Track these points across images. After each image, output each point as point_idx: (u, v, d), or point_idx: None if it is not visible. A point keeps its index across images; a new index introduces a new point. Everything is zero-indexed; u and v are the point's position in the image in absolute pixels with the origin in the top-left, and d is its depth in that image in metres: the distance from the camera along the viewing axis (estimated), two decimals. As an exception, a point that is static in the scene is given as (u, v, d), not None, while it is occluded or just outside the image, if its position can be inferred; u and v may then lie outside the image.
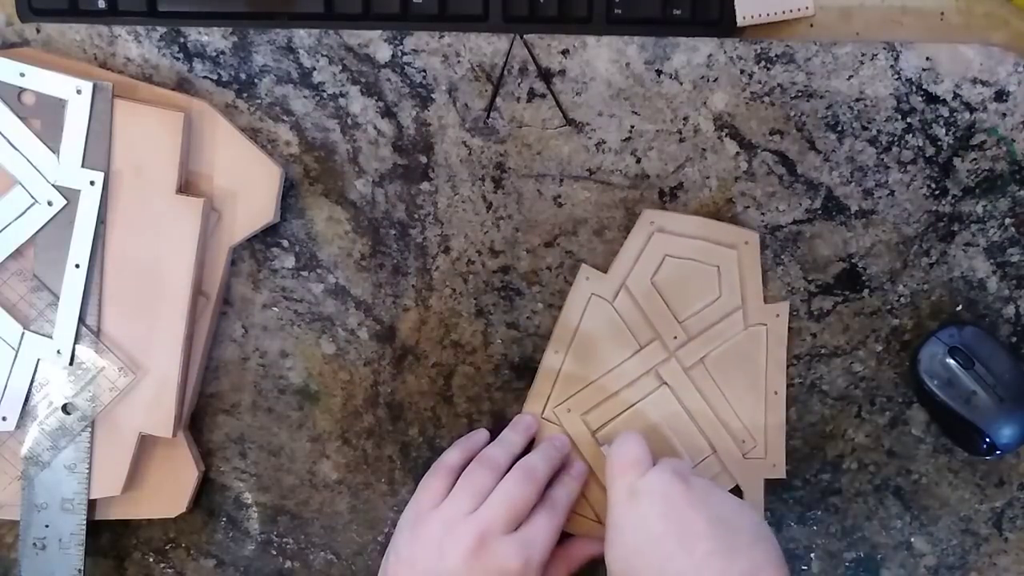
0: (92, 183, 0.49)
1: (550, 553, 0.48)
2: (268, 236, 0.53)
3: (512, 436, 0.52)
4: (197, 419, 0.54)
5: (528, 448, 0.52)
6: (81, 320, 0.50)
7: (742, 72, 0.52)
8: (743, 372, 0.52)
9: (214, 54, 0.52)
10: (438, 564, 0.46)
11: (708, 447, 0.52)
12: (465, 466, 0.50)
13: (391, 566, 0.48)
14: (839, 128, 0.52)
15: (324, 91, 0.52)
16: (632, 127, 0.52)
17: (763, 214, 0.53)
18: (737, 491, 0.53)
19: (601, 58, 0.52)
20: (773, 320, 0.52)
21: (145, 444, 0.52)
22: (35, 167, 0.49)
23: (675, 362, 0.52)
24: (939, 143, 0.52)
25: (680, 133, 0.52)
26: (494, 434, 0.53)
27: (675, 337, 0.52)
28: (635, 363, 0.52)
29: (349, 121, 0.53)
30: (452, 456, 0.51)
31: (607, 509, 0.47)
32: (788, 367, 0.53)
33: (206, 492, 0.55)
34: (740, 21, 0.52)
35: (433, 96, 0.52)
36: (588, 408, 0.52)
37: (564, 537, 0.51)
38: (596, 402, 0.52)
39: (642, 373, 0.52)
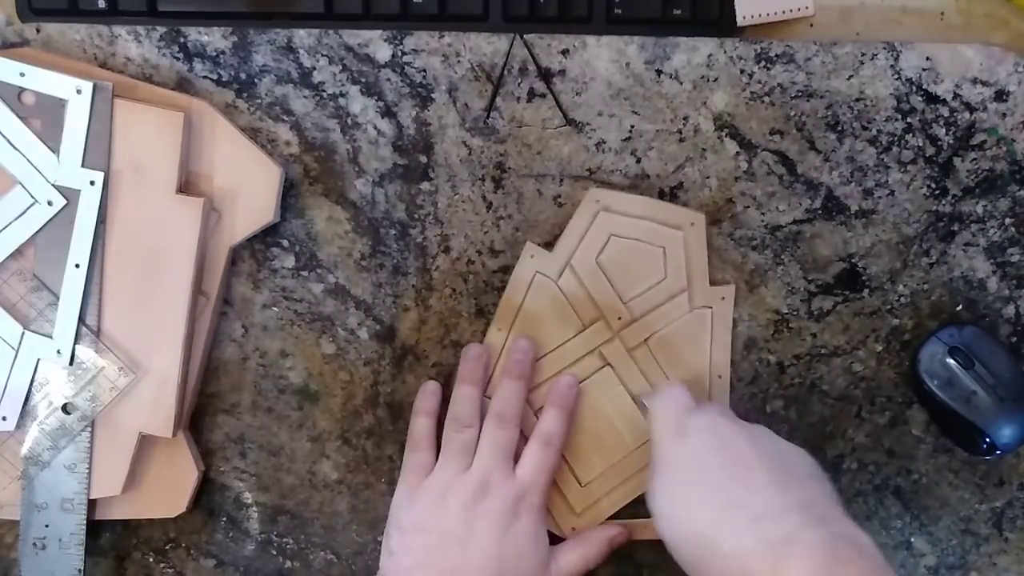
0: (92, 183, 0.49)
1: (550, 480, 0.50)
2: (268, 236, 0.53)
3: (467, 387, 0.51)
4: (197, 419, 0.54)
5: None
6: (81, 320, 0.50)
7: (742, 72, 0.52)
8: (687, 354, 0.52)
9: (214, 54, 0.52)
10: (444, 523, 0.48)
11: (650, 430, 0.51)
12: (434, 427, 0.51)
13: (395, 540, 0.49)
14: (839, 128, 0.52)
15: (324, 91, 0.52)
16: (632, 127, 0.52)
17: (763, 214, 0.53)
18: None
19: (601, 58, 0.52)
20: (719, 303, 0.52)
21: (145, 444, 0.52)
22: (35, 167, 0.49)
23: (619, 342, 0.52)
24: (939, 143, 0.52)
25: (680, 133, 0.52)
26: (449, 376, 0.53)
27: (619, 318, 0.52)
28: (578, 342, 0.52)
29: (349, 121, 0.53)
30: (420, 425, 0.52)
31: (651, 449, 0.47)
32: (788, 367, 0.53)
33: (206, 492, 0.55)
34: (740, 21, 0.52)
35: (433, 96, 0.52)
36: (531, 387, 0.52)
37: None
38: (539, 381, 0.52)
39: (585, 353, 0.52)
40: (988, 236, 0.53)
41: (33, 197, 0.49)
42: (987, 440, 0.50)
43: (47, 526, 0.51)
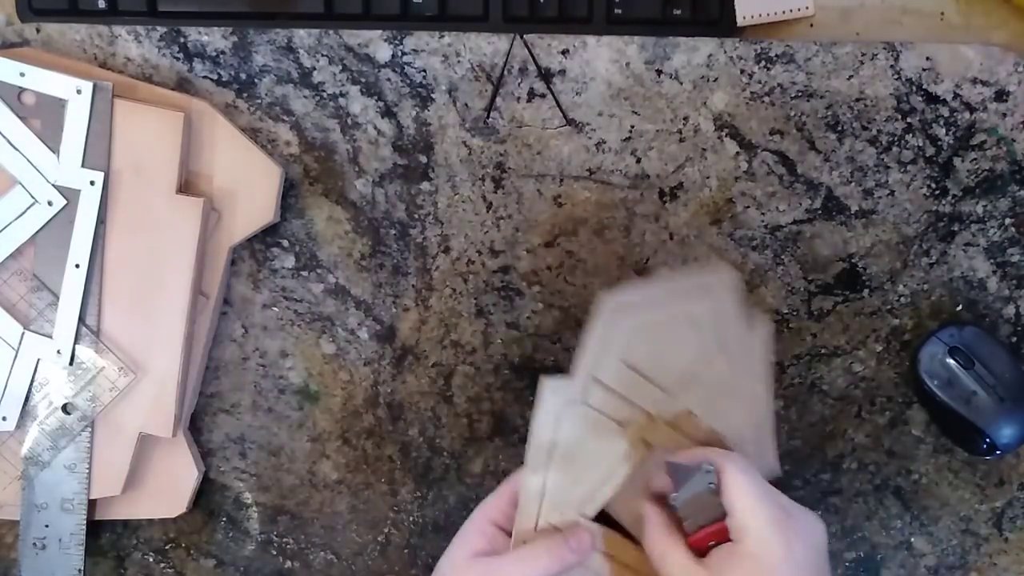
0: (92, 183, 0.49)
1: None
2: (268, 236, 0.53)
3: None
4: (197, 419, 0.54)
5: None
6: (81, 320, 0.50)
7: (742, 72, 0.52)
8: (734, 405, 0.47)
9: (214, 54, 0.52)
10: None
11: None
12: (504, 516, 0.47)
13: None
14: (839, 128, 0.52)
15: (324, 91, 0.52)
16: (632, 127, 0.52)
17: (763, 214, 0.53)
18: None
19: (601, 58, 0.52)
20: (758, 345, 0.48)
21: (145, 444, 0.52)
22: (35, 167, 0.49)
23: (660, 423, 0.47)
24: (939, 143, 0.52)
25: (680, 133, 0.52)
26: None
27: (658, 404, 0.47)
28: (621, 441, 0.47)
29: (349, 121, 0.53)
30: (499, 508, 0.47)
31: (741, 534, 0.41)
32: (788, 367, 0.53)
33: (206, 492, 0.55)
34: (740, 21, 0.52)
35: (433, 96, 0.52)
36: (584, 499, 0.47)
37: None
38: (589, 492, 0.47)
39: (630, 446, 0.47)
40: (988, 236, 0.53)
41: (33, 197, 0.49)
42: (987, 440, 0.50)
43: (47, 526, 0.51)
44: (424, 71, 0.52)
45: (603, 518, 0.47)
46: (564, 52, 0.52)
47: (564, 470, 0.47)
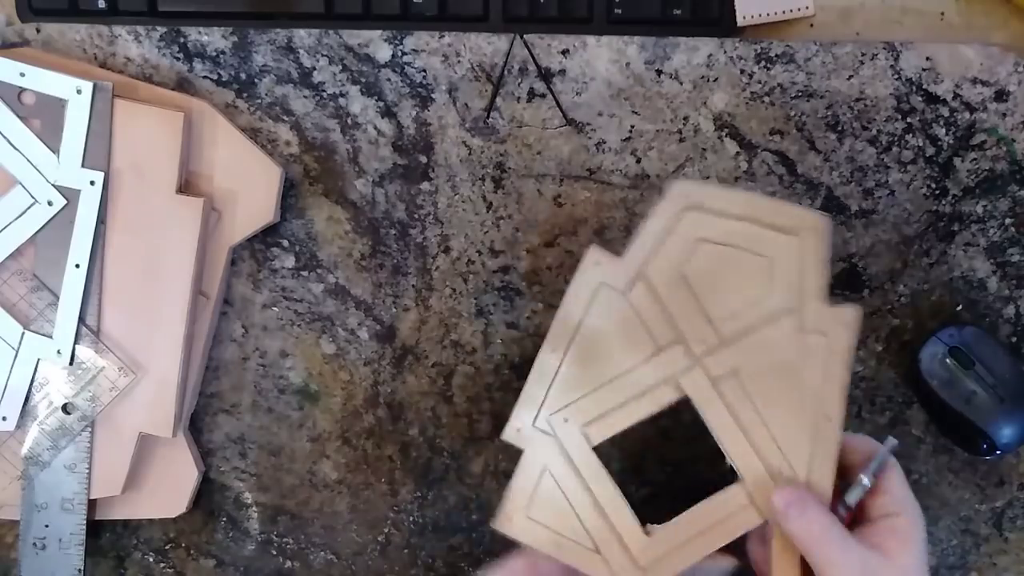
0: (92, 183, 0.49)
1: None
2: (268, 236, 0.53)
3: None
4: (197, 419, 0.54)
5: None
6: (81, 320, 0.50)
7: (742, 72, 0.52)
8: (788, 390, 0.42)
9: (214, 54, 0.52)
10: None
11: (734, 474, 0.44)
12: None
13: None
14: (839, 128, 0.52)
15: (324, 91, 0.52)
16: (632, 127, 0.52)
17: (763, 214, 0.53)
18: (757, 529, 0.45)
19: (601, 58, 0.52)
20: (836, 329, 0.42)
21: (145, 444, 0.52)
22: (35, 167, 0.49)
23: (700, 371, 0.43)
24: (939, 143, 0.52)
25: (680, 133, 0.52)
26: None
27: (704, 341, 0.43)
28: (650, 370, 0.43)
29: (349, 121, 0.53)
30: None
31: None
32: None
33: (206, 492, 0.55)
34: (740, 21, 0.52)
35: (433, 96, 0.52)
36: (589, 419, 0.44)
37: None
38: (599, 413, 0.44)
39: (658, 382, 0.43)
40: (988, 236, 0.53)
41: (33, 197, 0.49)
42: (987, 440, 0.50)
43: (47, 526, 0.51)
44: (424, 71, 0.52)
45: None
46: (564, 52, 0.52)
47: (581, 360, 0.44)
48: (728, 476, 0.44)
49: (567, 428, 0.44)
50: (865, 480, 0.42)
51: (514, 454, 0.55)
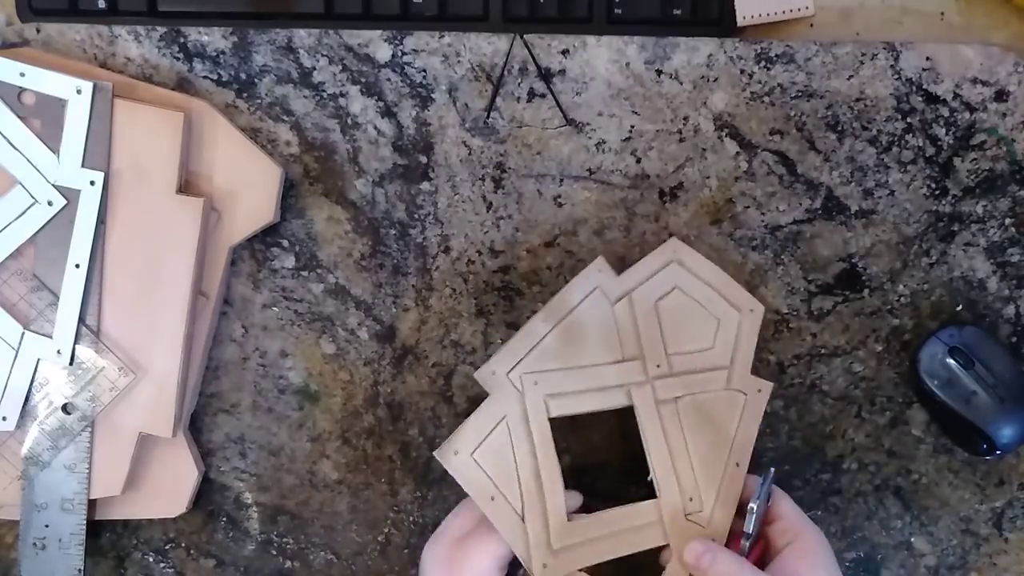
0: (92, 183, 0.49)
1: None
2: (268, 236, 0.53)
3: None
4: (197, 419, 0.54)
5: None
6: (81, 320, 0.50)
7: (742, 72, 0.52)
8: (712, 430, 0.50)
9: (214, 54, 0.52)
10: None
11: (653, 490, 0.50)
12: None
13: None
14: (839, 128, 0.52)
15: (324, 91, 0.52)
16: (632, 127, 0.52)
17: (763, 214, 0.53)
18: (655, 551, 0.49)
19: (601, 58, 0.52)
20: (754, 394, 0.50)
21: (145, 444, 0.52)
22: (35, 167, 0.49)
23: (650, 389, 0.50)
24: (939, 143, 0.52)
25: (680, 133, 0.52)
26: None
27: (658, 366, 0.50)
28: (612, 372, 0.50)
29: (349, 121, 0.53)
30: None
31: None
32: (788, 367, 0.53)
33: (206, 492, 0.55)
34: (740, 21, 0.52)
35: (433, 96, 0.52)
36: (554, 392, 0.49)
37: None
38: (563, 390, 0.49)
39: (615, 384, 0.50)
40: (988, 236, 0.53)
41: (33, 197, 0.49)
42: (987, 440, 0.50)
43: (47, 526, 0.51)
44: (424, 71, 0.52)
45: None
46: (564, 52, 0.52)
47: (564, 339, 0.50)
48: (647, 489, 0.50)
49: (535, 390, 0.50)
50: (752, 505, 0.46)
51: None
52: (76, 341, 0.50)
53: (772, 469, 0.47)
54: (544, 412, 0.49)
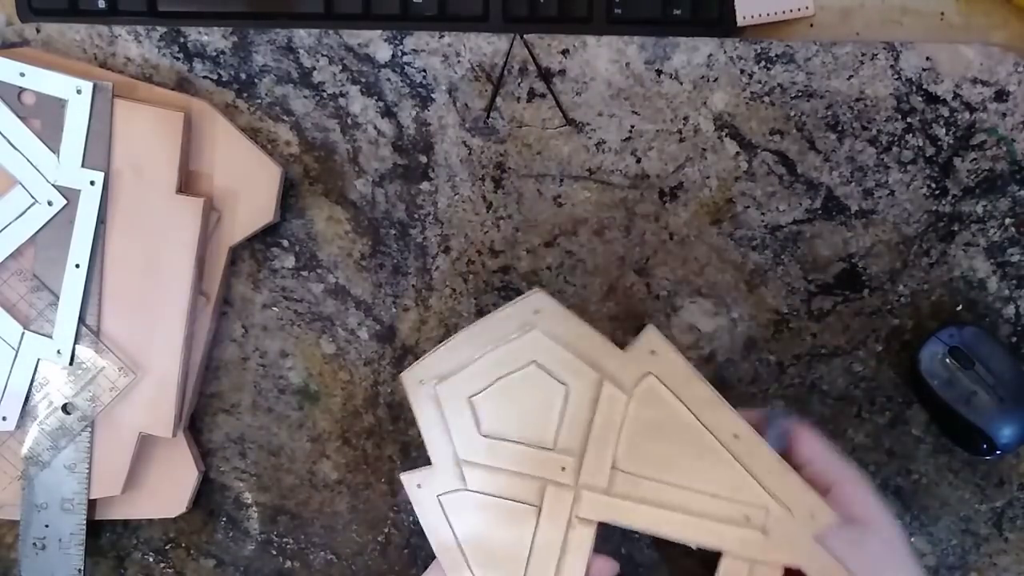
0: (92, 183, 0.49)
1: None
2: (268, 236, 0.53)
3: None
4: (197, 419, 0.54)
5: None
6: (81, 320, 0.50)
7: (742, 72, 0.52)
8: (671, 447, 0.44)
9: (214, 54, 0.52)
10: None
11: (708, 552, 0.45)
12: None
13: None
14: (839, 128, 0.52)
15: (324, 91, 0.52)
16: (632, 127, 0.52)
17: (763, 214, 0.53)
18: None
19: (601, 58, 0.52)
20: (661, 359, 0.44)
21: (145, 444, 0.52)
22: (35, 167, 0.49)
23: (570, 498, 0.44)
24: (939, 143, 0.52)
25: (680, 133, 0.52)
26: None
27: (545, 463, 0.44)
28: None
29: (349, 121, 0.53)
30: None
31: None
32: (788, 367, 0.53)
33: (206, 492, 0.55)
34: (740, 21, 0.52)
35: (433, 96, 0.52)
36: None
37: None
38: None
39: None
40: (988, 236, 0.53)
41: (33, 197, 0.49)
42: (987, 440, 0.50)
43: (47, 526, 0.51)
44: (424, 71, 0.52)
45: None
46: (564, 52, 0.52)
47: (487, 566, 0.43)
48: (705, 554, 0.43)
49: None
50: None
51: (514, 454, 0.55)
52: (76, 341, 0.50)
53: (777, 412, 0.42)
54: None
